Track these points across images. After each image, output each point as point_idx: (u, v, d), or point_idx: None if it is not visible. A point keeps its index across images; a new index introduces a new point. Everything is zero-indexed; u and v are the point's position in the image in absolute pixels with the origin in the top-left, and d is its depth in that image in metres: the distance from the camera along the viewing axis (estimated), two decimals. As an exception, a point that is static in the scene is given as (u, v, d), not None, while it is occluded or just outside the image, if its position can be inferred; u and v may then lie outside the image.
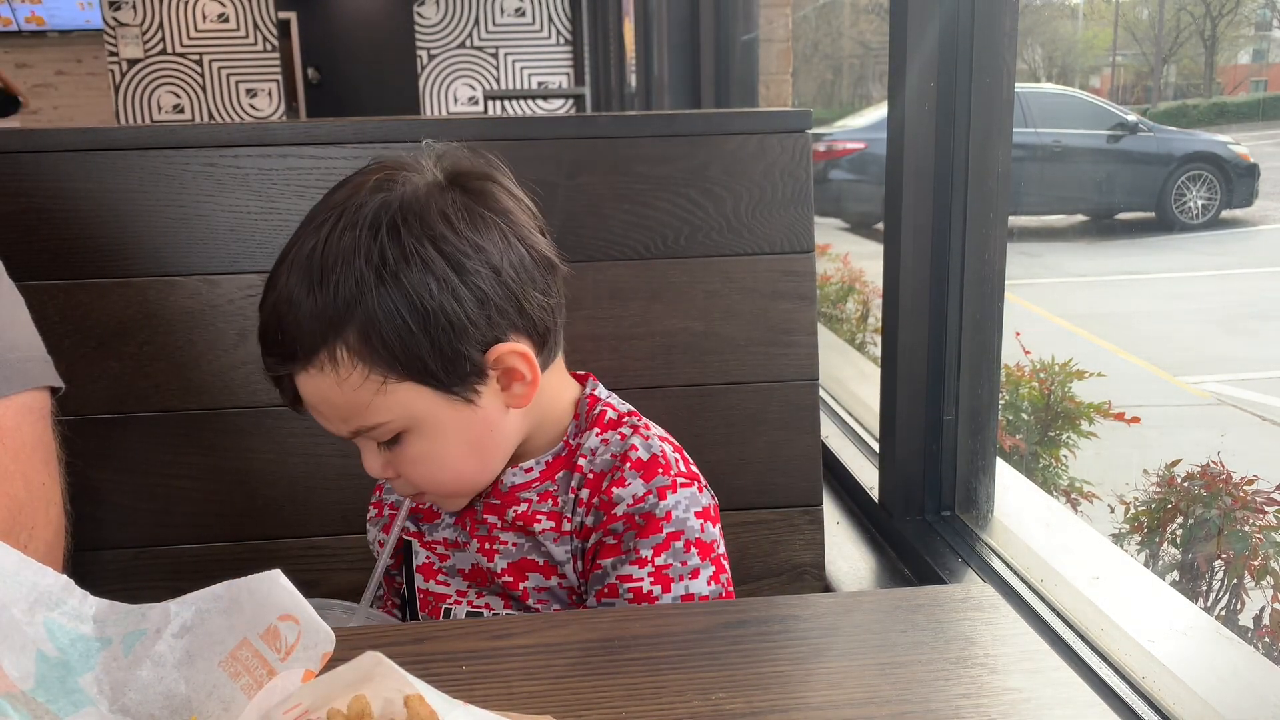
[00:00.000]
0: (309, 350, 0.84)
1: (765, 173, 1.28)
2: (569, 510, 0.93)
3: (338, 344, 0.83)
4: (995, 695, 0.69)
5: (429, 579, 1.02)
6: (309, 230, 0.87)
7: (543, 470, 0.96)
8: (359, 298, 0.82)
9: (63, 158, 1.20)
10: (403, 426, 0.87)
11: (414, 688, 0.56)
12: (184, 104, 10.17)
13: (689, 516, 0.90)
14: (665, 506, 0.90)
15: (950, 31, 1.27)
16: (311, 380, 0.85)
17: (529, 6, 10.17)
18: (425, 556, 1.02)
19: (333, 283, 0.83)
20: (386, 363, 0.84)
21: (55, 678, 0.65)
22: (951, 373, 1.33)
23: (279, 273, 0.87)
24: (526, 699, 0.69)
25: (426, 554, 1.02)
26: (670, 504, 0.90)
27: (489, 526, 0.97)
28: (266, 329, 0.87)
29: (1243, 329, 4.65)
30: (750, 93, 3.15)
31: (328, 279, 0.83)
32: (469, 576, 1.00)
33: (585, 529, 0.93)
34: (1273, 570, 1.92)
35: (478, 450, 0.91)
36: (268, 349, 0.87)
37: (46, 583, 0.68)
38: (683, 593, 0.89)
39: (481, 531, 0.98)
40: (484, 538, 0.97)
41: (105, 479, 1.25)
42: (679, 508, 0.90)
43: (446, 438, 0.89)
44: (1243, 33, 6.17)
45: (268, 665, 0.66)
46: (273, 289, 0.86)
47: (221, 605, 0.69)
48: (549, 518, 0.94)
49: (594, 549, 0.92)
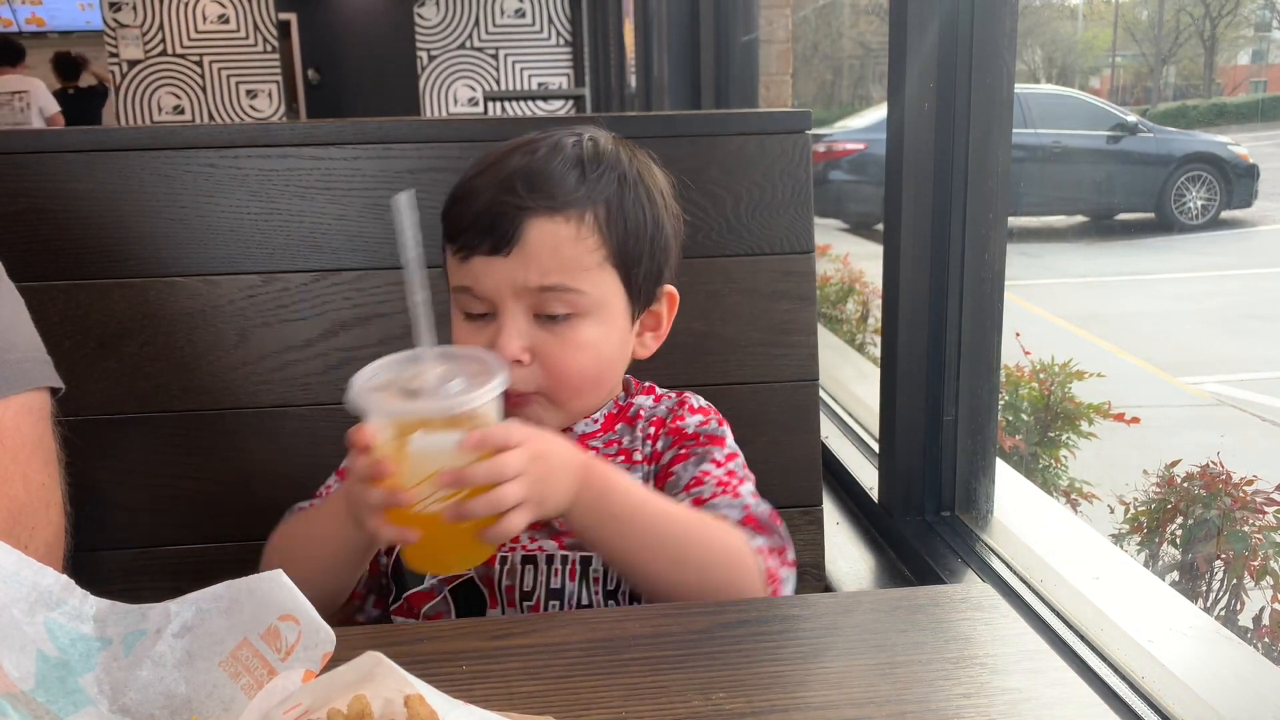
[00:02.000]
0: (565, 204, 0.95)
1: (765, 173, 1.28)
2: (638, 444, 1.04)
3: (590, 210, 0.96)
4: (995, 695, 0.69)
5: None
6: (530, 144, 0.99)
7: (603, 423, 1.06)
8: (619, 188, 0.98)
9: (63, 158, 1.20)
10: (589, 307, 0.96)
11: (414, 688, 0.56)
12: (184, 105, 10.17)
13: (739, 450, 1.05)
14: (725, 432, 1.05)
15: (950, 31, 1.27)
16: (552, 226, 0.94)
17: (529, 7, 10.17)
18: None
19: (601, 169, 0.97)
20: (614, 247, 0.97)
21: (55, 678, 0.65)
22: (951, 373, 1.33)
23: (529, 153, 0.97)
24: (526, 699, 0.69)
25: None
26: (727, 432, 1.06)
27: None
28: (530, 172, 0.95)
29: (1243, 329, 4.65)
30: (750, 93, 3.15)
31: (601, 162, 0.98)
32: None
33: (656, 454, 1.04)
34: (1272, 570, 1.92)
35: (615, 365, 1.03)
36: (521, 189, 0.94)
37: (47, 583, 0.68)
38: (749, 493, 1.00)
39: None
40: None
41: (105, 479, 1.25)
42: (730, 439, 1.05)
43: (610, 337, 0.99)
44: (1242, 33, 6.17)
45: (268, 665, 0.66)
46: (531, 152, 0.97)
47: (222, 605, 0.69)
48: (618, 455, 1.04)
49: (667, 464, 1.03)
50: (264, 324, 1.24)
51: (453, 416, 0.81)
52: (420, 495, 0.81)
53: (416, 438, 0.81)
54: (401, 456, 0.81)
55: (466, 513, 0.81)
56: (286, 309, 1.24)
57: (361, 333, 1.25)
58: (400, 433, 0.81)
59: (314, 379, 1.26)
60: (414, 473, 0.81)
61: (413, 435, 0.81)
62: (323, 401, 1.26)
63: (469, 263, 0.95)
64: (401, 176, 1.24)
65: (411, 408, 0.82)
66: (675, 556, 0.90)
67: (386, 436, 0.82)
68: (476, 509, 0.82)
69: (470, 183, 0.98)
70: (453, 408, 0.81)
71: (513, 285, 0.94)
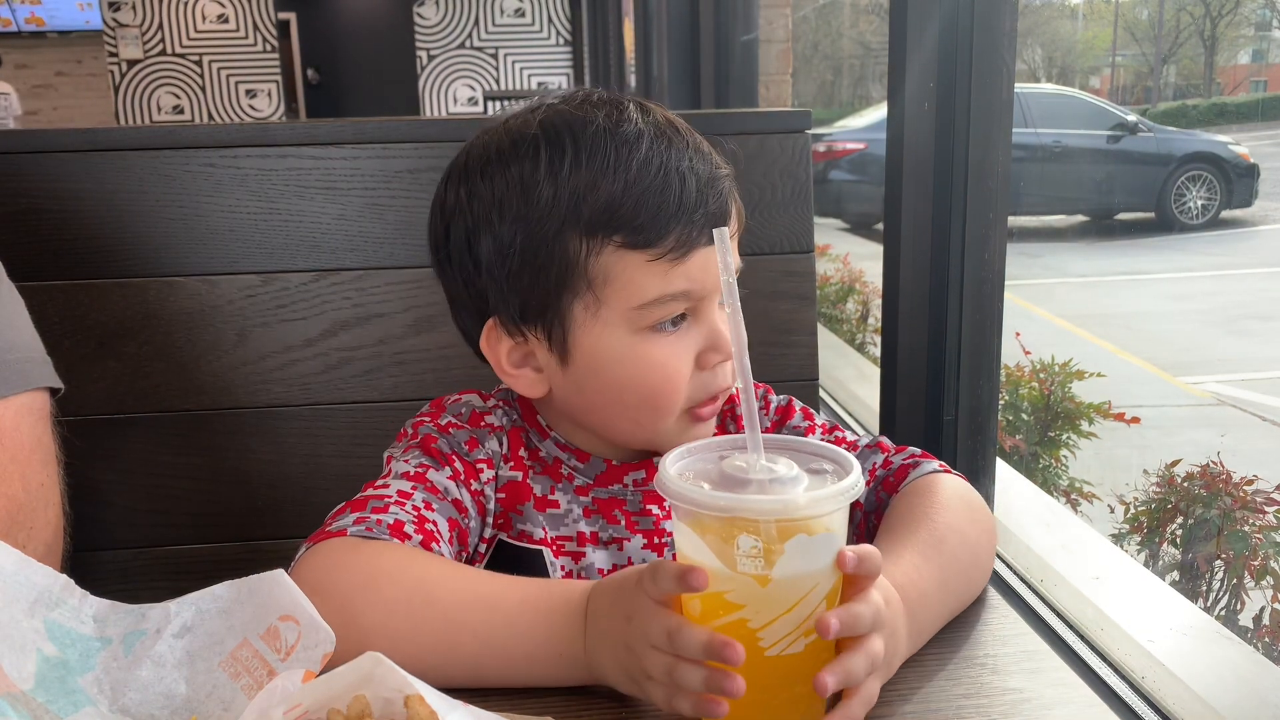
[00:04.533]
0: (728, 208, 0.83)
1: (765, 173, 1.28)
2: None
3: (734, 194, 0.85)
4: (995, 695, 0.69)
5: None
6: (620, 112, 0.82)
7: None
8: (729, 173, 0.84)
9: (63, 158, 1.20)
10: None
11: (414, 688, 0.56)
12: (184, 105, 10.17)
13: None
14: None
15: (950, 31, 1.27)
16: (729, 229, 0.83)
17: (529, 7, 10.18)
18: (562, 567, 0.87)
19: (715, 156, 0.84)
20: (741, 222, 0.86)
21: (55, 677, 0.65)
22: (951, 373, 1.33)
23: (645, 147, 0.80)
24: (526, 699, 0.69)
25: (564, 563, 0.87)
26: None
27: (654, 519, 0.88)
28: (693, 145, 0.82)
29: (1243, 329, 4.65)
30: (750, 93, 3.15)
31: (712, 151, 0.84)
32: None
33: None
34: (1272, 570, 1.92)
35: None
36: (706, 163, 0.82)
37: (47, 583, 0.68)
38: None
39: (646, 525, 0.88)
40: (649, 531, 0.88)
41: (105, 479, 1.25)
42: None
43: None
44: (1243, 33, 6.17)
45: (268, 665, 0.66)
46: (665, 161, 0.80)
47: (222, 605, 0.69)
48: None
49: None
50: (263, 324, 1.24)
51: (816, 517, 0.62)
52: (778, 634, 0.61)
53: (796, 545, 0.60)
54: (764, 578, 0.61)
55: (852, 674, 0.63)
56: (286, 309, 1.24)
57: (361, 333, 1.25)
58: (771, 540, 0.60)
59: (314, 379, 1.25)
60: (778, 600, 0.61)
61: (790, 542, 0.60)
62: (322, 401, 1.26)
63: (686, 261, 0.79)
64: (401, 176, 1.24)
65: (793, 501, 0.61)
66: (962, 592, 0.81)
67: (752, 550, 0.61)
68: (858, 666, 0.62)
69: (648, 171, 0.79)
70: (846, 492, 0.62)
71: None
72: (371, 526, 0.75)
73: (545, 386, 0.85)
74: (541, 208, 0.79)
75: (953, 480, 0.86)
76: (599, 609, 0.69)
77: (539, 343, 0.83)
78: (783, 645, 0.61)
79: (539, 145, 0.80)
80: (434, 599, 0.71)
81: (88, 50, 10.10)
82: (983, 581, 0.84)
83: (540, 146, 0.80)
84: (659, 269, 0.78)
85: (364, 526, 0.75)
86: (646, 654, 0.64)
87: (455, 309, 0.89)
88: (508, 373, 0.85)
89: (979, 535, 0.83)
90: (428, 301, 1.25)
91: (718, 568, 0.61)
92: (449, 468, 0.84)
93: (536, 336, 0.83)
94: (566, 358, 0.82)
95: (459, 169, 0.85)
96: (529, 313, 0.82)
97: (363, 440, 1.26)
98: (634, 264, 0.78)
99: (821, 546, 0.62)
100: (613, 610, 0.67)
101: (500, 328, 0.84)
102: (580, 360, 0.82)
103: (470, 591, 0.72)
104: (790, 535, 0.61)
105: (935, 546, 0.78)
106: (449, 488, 0.82)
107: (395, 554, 0.74)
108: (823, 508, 0.61)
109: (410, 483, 0.81)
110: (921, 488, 0.85)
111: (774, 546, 0.60)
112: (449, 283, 0.87)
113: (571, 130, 0.80)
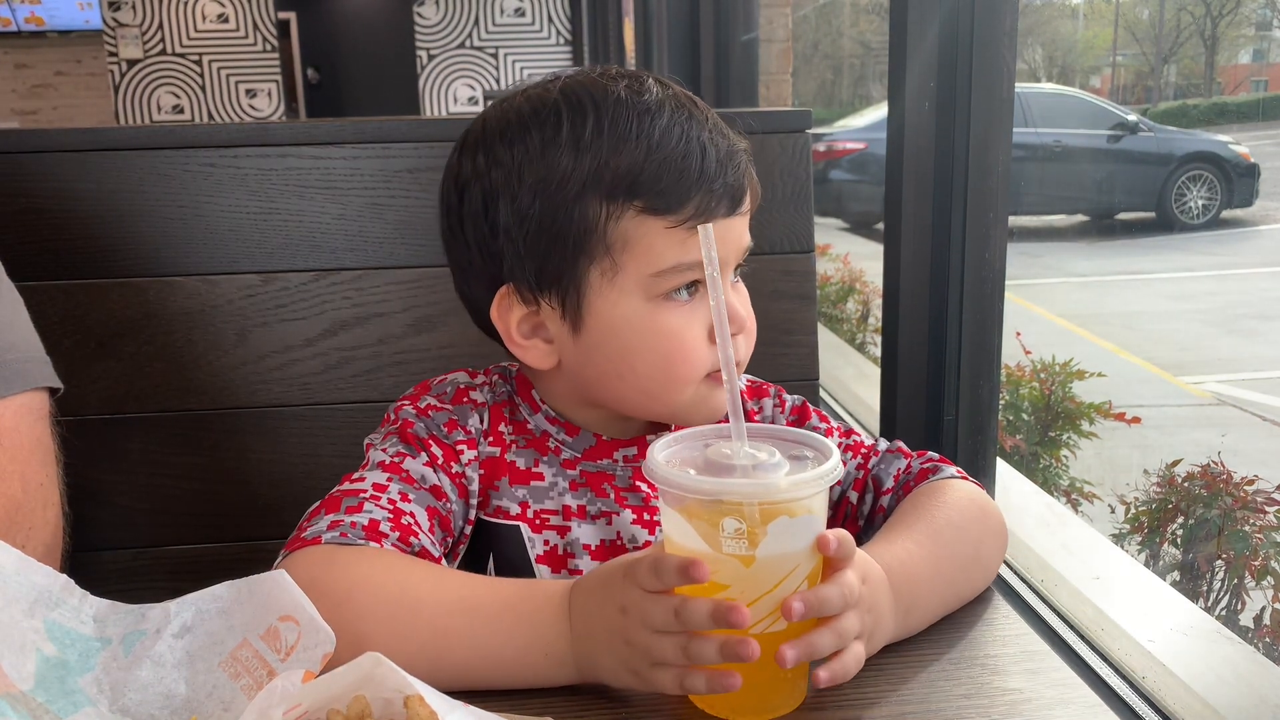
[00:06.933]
0: (744, 182, 0.83)
1: (765, 173, 1.28)
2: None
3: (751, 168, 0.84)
4: (995, 695, 0.69)
5: (558, 570, 0.87)
6: (639, 84, 0.82)
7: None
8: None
9: (63, 158, 1.20)
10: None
11: (414, 688, 0.56)
12: (184, 104, 10.16)
13: None
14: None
15: (950, 31, 1.27)
16: (751, 171, 0.84)
17: (529, 6, 10.17)
18: (544, 542, 0.87)
19: (731, 132, 0.83)
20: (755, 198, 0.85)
21: (55, 678, 0.65)
22: (951, 373, 1.33)
23: (667, 117, 0.80)
24: (527, 699, 0.69)
25: (545, 537, 0.87)
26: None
27: (643, 495, 0.88)
28: (709, 115, 0.82)
29: (1243, 329, 4.65)
30: (750, 93, 3.15)
31: (727, 126, 0.83)
32: (597, 554, 0.87)
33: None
34: (1273, 570, 1.92)
35: None
36: (722, 133, 0.82)
37: (46, 583, 0.68)
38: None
39: (635, 501, 0.88)
40: (639, 507, 0.88)
41: (105, 479, 1.25)
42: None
43: None
44: (1243, 32, 6.17)
45: (268, 666, 0.66)
46: (686, 130, 0.80)
47: (222, 605, 0.69)
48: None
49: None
50: (263, 324, 1.24)
51: (797, 500, 0.64)
52: (762, 612, 0.64)
53: (779, 527, 0.63)
54: (748, 558, 0.63)
55: (815, 649, 0.65)
56: (285, 309, 1.24)
57: (361, 332, 1.25)
58: (754, 523, 0.63)
59: (313, 379, 1.25)
60: (762, 580, 0.64)
61: (773, 524, 0.63)
62: (322, 401, 1.26)
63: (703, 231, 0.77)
64: (401, 176, 1.24)
65: (775, 484, 0.64)
66: (959, 584, 0.81)
67: (734, 533, 0.63)
68: (824, 643, 0.65)
69: (670, 139, 0.79)
70: (825, 476, 0.64)
71: (739, 247, 0.83)
72: (346, 531, 0.75)
73: (555, 358, 0.85)
74: (562, 172, 0.79)
75: (967, 485, 0.87)
76: (584, 607, 0.69)
77: (552, 311, 0.82)
78: (766, 623, 0.64)
79: (560, 112, 0.80)
80: (417, 608, 0.71)
81: (87, 50, 10.09)
82: (985, 579, 0.84)
83: (562, 113, 0.80)
84: (677, 236, 0.78)
85: (338, 532, 0.74)
86: (653, 641, 0.65)
87: (465, 279, 0.87)
88: (517, 343, 0.85)
89: (983, 534, 0.84)
90: (428, 301, 1.25)
91: (704, 549, 0.64)
92: (425, 454, 0.83)
93: (550, 304, 0.82)
94: (580, 325, 0.82)
95: (475, 136, 0.85)
96: (544, 279, 0.81)
97: (362, 440, 1.26)
98: (653, 230, 0.78)
99: (802, 528, 0.64)
100: (602, 607, 0.68)
101: (513, 294, 0.83)
102: (593, 328, 0.81)
103: (452, 597, 0.71)
104: (773, 517, 0.63)
105: (932, 537, 0.80)
106: (425, 475, 0.82)
107: (372, 562, 0.73)
108: (803, 490, 0.64)
109: (386, 474, 0.81)
110: (933, 489, 0.86)
111: (757, 528, 0.63)
112: (460, 251, 0.86)
113: (593, 98, 0.80)
